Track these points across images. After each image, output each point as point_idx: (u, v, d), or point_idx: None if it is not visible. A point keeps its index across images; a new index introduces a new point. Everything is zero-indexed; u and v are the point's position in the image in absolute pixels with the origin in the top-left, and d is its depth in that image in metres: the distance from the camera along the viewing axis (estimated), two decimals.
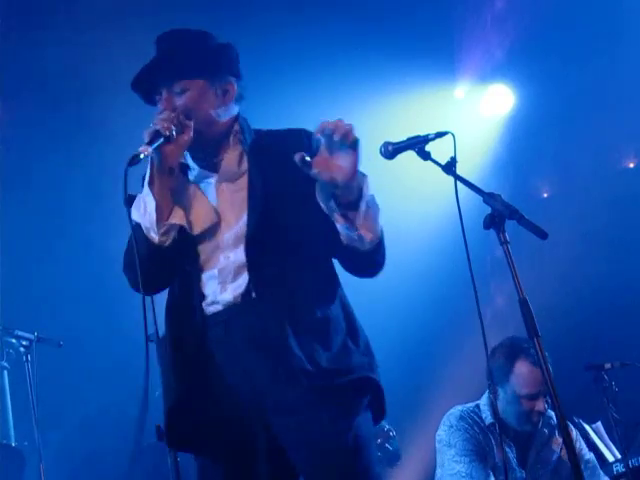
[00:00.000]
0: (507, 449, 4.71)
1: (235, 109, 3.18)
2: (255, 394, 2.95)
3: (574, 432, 4.94)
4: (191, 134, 3.02)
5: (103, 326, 6.96)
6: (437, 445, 4.85)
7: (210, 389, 2.99)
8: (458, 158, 3.15)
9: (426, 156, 3.14)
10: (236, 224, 3.04)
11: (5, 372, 6.10)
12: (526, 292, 2.95)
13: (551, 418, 4.77)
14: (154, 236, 2.99)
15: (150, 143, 2.92)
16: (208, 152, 3.15)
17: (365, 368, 2.99)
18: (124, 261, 3.11)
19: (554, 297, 7.94)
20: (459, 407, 4.89)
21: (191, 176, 3.16)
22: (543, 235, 2.94)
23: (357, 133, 2.84)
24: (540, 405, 4.67)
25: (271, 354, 2.91)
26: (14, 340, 5.75)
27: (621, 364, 5.21)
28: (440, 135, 3.14)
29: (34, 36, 6.73)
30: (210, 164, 3.15)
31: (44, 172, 7.19)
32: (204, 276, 3.05)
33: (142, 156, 2.88)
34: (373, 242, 2.95)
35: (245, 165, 3.11)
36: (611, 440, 5.43)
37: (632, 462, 4.98)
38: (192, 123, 3.03)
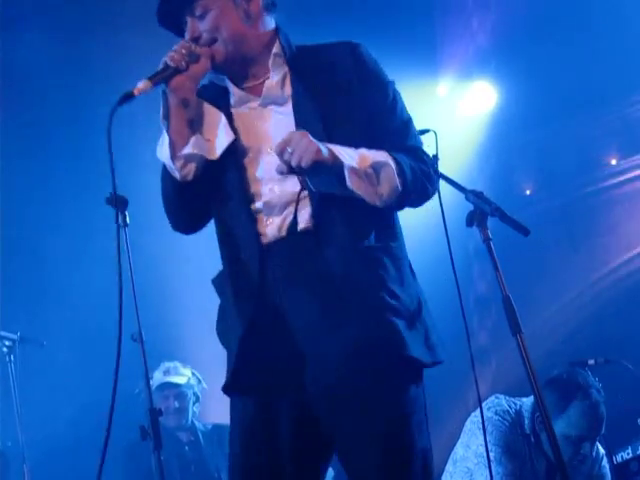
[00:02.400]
0: (538, 463, 4.54)
1: (270, 22, 2.94)
2: (301, 341, 2.72)
3: (600, 452, 4.84)
4: (207, 61, 2.82)
5: (87, 325, 6.92)
6: (469, 425, 4.63)
7: (270, 329, 2.76)
8: (440, 156, 3.16)
9: None
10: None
11: None
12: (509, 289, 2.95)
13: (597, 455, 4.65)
14: (176, 173, 2.83)
15: (152, 78, 2.74)
16: (245, 73, 2.92)
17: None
18: (163, 205, 2.95)
19: (538, 293, 7.96)
20: (504, 399, 4.67)
21: (232, 101, 2.92)
22: (525, 232, 2.95)
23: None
24: (585, 448, 4.50)
25: (324, 293, 2.68)
26: None
27: (605, 360, 5.19)
28: (422, 133, 3.14)
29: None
30: (251, 87, 2.92)
31: (30, 175, 7.16)
32: (249, 208, 2.81)
33: (137, 93, 2.70)
34: (390, 200, 2.71)
35: (289, 88, 2.86)
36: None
37: (616, 459, 4.98)
38: (207, 49, 2.82)
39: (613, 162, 9.00)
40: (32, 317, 6.72)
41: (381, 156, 2.71)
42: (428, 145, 3.06)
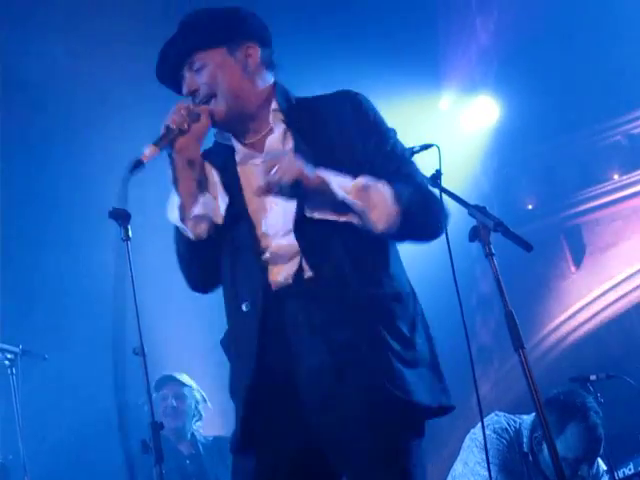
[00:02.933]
0: None
1: (269, 77, 2.93)
2: (303, 385, 2.69)
3: (602, 469, 4.80)
4: (208, 119, 2.83)
5: (88, 338, 6.92)
6: (468, 442, 4.60)
7: (274, 382, 2.74)
8: (443, 170, 3.16)
9: None
10: (284, 208, 2.76)
11: None
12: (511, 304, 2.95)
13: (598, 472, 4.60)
14: (189, 233, 2.84)
15: (157, 143, 2.75)
16: (246, 128, 2.91)
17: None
18: (180, 266, 2.95)
19: (539, 309, 7.96)
20: (504, 417, 4.63)
21: (237, 158, 2.91)
22: (528, 247, 2.94)
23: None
24: (583, 470, 4.40)
25: (324, 339, 2.67)
26: None
27: (607, 376, 5.16)
28: (425, 147, 3.14)
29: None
30: (254, 142, 2.91)
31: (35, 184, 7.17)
32: (258, 259, 2.79)
33: (145, 160, 2.71)
34: (388, 225, 2.68)
35: (291, 143, 2.83)
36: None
37: (618, 475, 4.97)
38: (207, 107, 2.83)
39: (615, 177, 9.01)
40: (34, 330, 6.72)
41: (377, 181, 2.69)
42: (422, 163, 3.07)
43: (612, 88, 7.96)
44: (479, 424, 4.57)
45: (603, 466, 4.77)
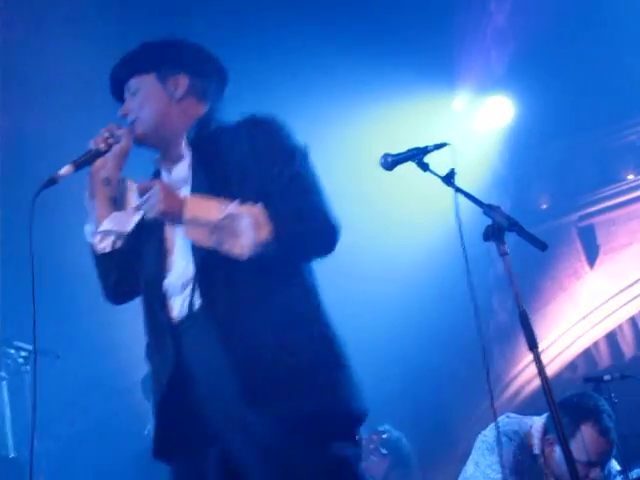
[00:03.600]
0: None
1: (197, 108, 3.06)
2: (207, 408, 2.84)
3: (615, 469, 4.77)
4: (128, 141, 3.01)
5: (101, 338, 6.94)
6: (478, 443, 4.58)
7: (182, 399, 2.88)
8: (457, 170, 3.15)
9: (425, 167, 3.14)
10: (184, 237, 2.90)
11: (4, 383, 6.08)
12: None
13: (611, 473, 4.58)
14: (94, 248, 3.04)
15: (75, 162, 2.95)
16: (167, 155, 3.06)
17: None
18: None
19: (553, 308, 7.94)
20: (515, 419, 4.61)
21: (166, 180, 3.04)
22: (543, 247, 2.94)
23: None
24: (595, 473, 4.36)
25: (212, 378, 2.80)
26: (13, 351, 5.73)
27: (621, 376, 5.15)
28: (439, 147, 3.14)
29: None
30: (170, 167, 3.05)
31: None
32: (161, 285, 2.94)
33: (58, 178, 2.92)
34: (253, 251, 2.74)
35: (189, 173, 2.98)
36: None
37: (632, 475, 4.95)
38: (127, 129, 3.01)
39: (630, 177, 8.98)
40: (47, 329, 6.73)
41: (243, 209, 2.74)
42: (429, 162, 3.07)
43: (628, 88, 7.94)
44: (489, 426, 4.58)
45: (616, 466, 4.76)
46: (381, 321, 7.39)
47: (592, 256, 8.93)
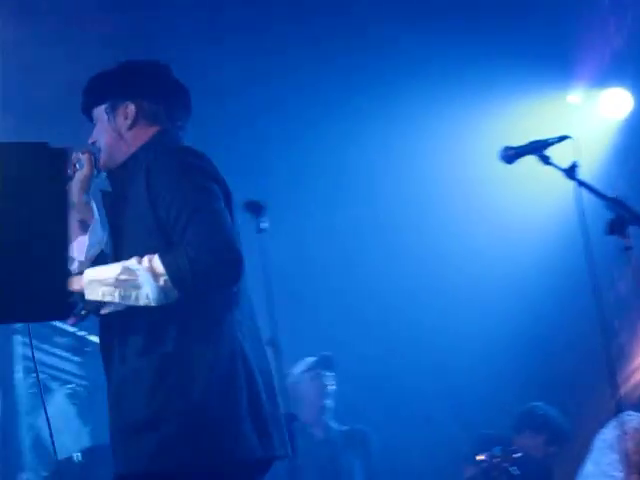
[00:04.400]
0: None
1: (147, 131, 3.25)
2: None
3: None
4: (90, 167, 3.21)
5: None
6: (598, 442, 4.58)
7: None
8: (579, 162, 3.12)
9: (546, 160, 3.12)
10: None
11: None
12: None
13: None
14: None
15: None
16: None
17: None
18: None
19: None
20: (636, 417, 4.59)
21: None
22: None
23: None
24: None
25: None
26: None
27: None
28: (561, 139, 3.13)
29: None
30: None
31: None
32: None
33: None
34: (159, 298, 2.92)
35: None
36: None
37: None
38: (88, 156, 3.24)
39: None
40: None
41: (138, 261, 2.91)
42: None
43: None
44: (609, 424, 4.53)
45: None
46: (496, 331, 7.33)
47: None
